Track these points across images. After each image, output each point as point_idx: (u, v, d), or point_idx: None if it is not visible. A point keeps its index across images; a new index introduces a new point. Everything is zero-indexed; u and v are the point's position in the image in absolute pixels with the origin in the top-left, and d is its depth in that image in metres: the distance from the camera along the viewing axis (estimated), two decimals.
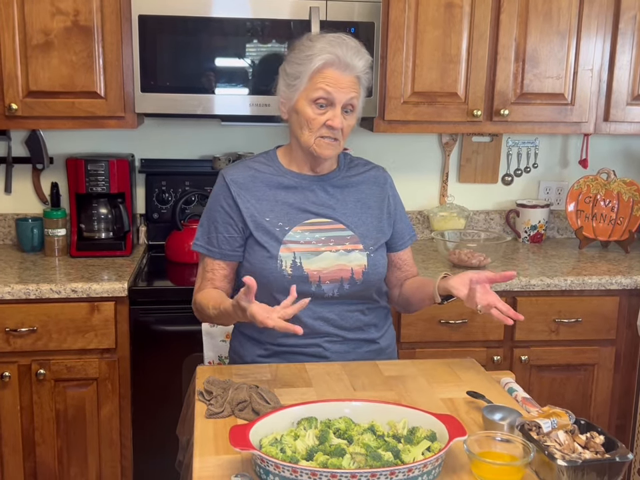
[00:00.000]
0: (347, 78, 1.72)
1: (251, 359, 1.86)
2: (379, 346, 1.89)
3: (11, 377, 2.36)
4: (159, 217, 2.92)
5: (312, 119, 1.73)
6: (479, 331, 2.56)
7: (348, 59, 1.71)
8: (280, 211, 1.81)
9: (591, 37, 2.71)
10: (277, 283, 1.76)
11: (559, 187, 3.22)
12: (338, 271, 1.79)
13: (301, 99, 1.74)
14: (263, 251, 1.79)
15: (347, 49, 1.72)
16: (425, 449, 1.27)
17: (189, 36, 2.49)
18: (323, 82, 1.71)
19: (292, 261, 1.77)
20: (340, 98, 1.72)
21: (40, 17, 2.44)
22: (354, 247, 1.82)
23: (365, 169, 1.93)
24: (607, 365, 2.65)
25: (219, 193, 1.85)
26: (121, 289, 2.37)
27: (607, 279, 2.57)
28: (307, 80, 1.72)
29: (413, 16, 2.61)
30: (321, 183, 1.85)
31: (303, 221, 1.81)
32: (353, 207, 1.86)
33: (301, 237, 1.79)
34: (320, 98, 1.72)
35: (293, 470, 1.16)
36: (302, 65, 1.73)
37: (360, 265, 1.81)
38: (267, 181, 1.84)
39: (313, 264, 1.78)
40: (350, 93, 1.73)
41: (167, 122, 2.93)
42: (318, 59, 1.70)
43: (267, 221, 1.80)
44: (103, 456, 2.47)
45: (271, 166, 1.87)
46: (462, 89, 2.69)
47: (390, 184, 1.95)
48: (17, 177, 2.91)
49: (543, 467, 1.26)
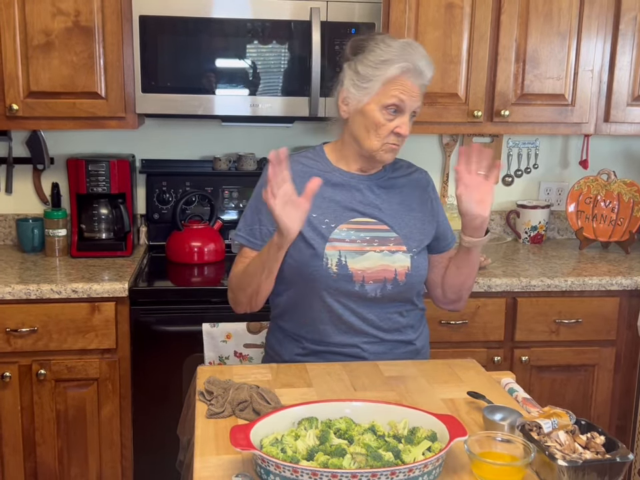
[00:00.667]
0: (417, 86, 1.73)
1: (289, 357, 1.86)
2: (415, 347, 1.89)
3: (11, 377, 2.36)
4: (159, 217, 2.92)
5: (381, 125, 1.73)
6: (479, 331, 2.56)
7: (421, 67, 1.72)
8: (327, 207, 1.80)
9: (592, 37, 2.71)
10: (322, 281, 1.75)
11: (559, 187, 3.22)
12: (382, 271, 1.78)
13: (371, 103, 1.73)
14: (308, 249, 1.77)
15: (420, 57, 1.72)
16: (426, 449, 1.26)
17: (190, 36, 2.50)
18: (398, 90, 1.71)
19: (337, 259, 1.76)
20: (410, 106, 1.73)
21: (41, 18, 2.44)
22: (397, 248, 1.81)
23: (408, 171, 1.92)
24: (607, 366, 2.65)
25: (265, 185, 1.82)
26: (121, 289, 2.37)
27: (607, 279, 2.58)
28: (380, 85, 1.72)
29: (413, 17, 2.61)
30: (368, 182, 1.85)
31: (349, 219, 1.80)
32: (397, 208, 1.85)
33: (346, 235, 1.79)
34: (392, 105, 1.71)
35: (293, 470, 1.16)
36: (377, 69, 1.71)
37: (403, 266, 1.80)
38: (314, 177, 1.82)
39: (358, 263, 1.77)
40: (418, 101, 1.74)
41: (167, 122, 2.93)
42: (396, 66, 1.70)
43: (314, 217, 1.78)
44: (103, 456, 2.47)
45: (319, 162, 1.86)
46: (462, 89, 2.69)
47: (432, 187, 1.94)
48: (18, 178, 2.91)
49: (544, 467, 1.26)
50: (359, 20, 2.53)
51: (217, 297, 2.46)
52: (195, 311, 2.41)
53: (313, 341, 1.83)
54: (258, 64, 2.56)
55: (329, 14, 2.51)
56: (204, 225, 2.79)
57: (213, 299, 2.45)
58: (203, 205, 2.91)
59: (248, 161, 2.92)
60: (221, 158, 2.92)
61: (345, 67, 1.79)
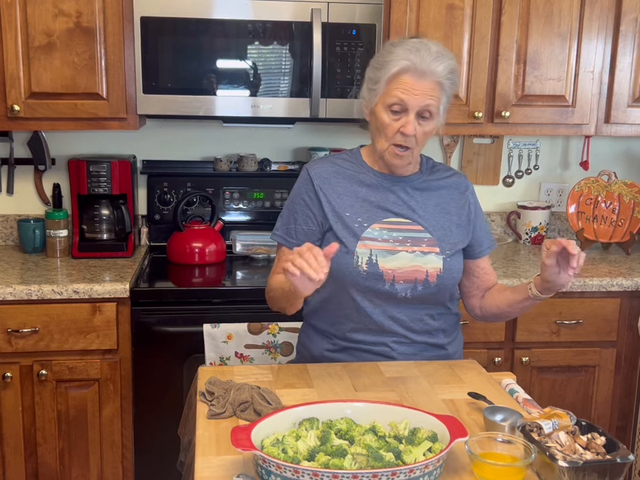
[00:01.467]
0: (424, 84, 1.71)
1: (319, 352, 1.87)
2: (446, 352, 1.88)
3: (12, 377, 2.36)
4: (160, 218, 2.92)
5: (387, 125, 1.74)
6: (479, 332, 2.56)
7: (425, 65, 1.70)
8: (360, 207, 1.82)
9: (592, 39, 2.72)
10: (352, 279, 1.77)
11: (559, 188, 3.22)
12: (413, 271, 1.78)
13: (378, 104, 1.76)
14: (340, 246, 1.77)
15: (426, 54, 1.71)
16: (427, 449, 1.27)
17: (191, 37, 2.50)
18: (398, 88, 1.71)
19: (368, 258, 1.77)
20: (413, 104, 1.71)
21: (42, 19, 2.45)
22: (430, 249, 1.81)
23: (446, 174, 1.92)
24: (607, 367, 2.65)
25: (301, 186, 1.86)
26: (122, 289, 2.37)
27: (608, 280, 2.58)
28: (384, 85, 1.74)
29: (414, 18, 2.62)
30: (402, 184, 1.85)
31: (382, 219, 1.81)
32: (432, 210, 1.85)
33: (379, 235, 1.80)
34: (394, 104, 1.72)
35: (294, 470, 1.17)
36: (380, 70, 1.74)
37: (435, 267, 1.80)
38: (349, 177, 1.85)
39: (389, 262, 1.78)
40: (425, 99, 1.71)
41: (168, 123, 2.93)
42: (394, 65, 1.72)
43: (347, 216, 1.80)
44: (104, 456, 2.47)
45: (354, 163, 1.88)
46: (463, 90, 2.69)
47: (471, 191, 1.93)
48: (19, 178, 2.92)
49: (544, 468, 1.26)
50: (359, 21, 2.54)
51: (218, 298, 2.46)
52: (196, 312, 2.42)
53: (343, 338, 1.84)
54: (259, 65, 2.57)
55: (329, 15, 2.52)
56: (205, 225, 2.79)
57: (214, 299, 2.45)
58: (204, 206, 2.91)
59: (249, 162, 2.93)
60: (222, 159, 2.92)
61: (365, 72, 1.84)
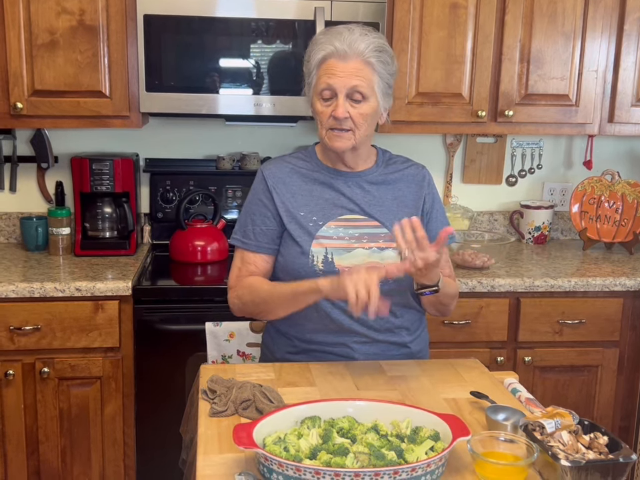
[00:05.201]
0: (351, 65, 1.69)
1: (280, 355, 1.86)
2: (409, 350, 1.86)
3: (14, 375, 2.36)
4: (163, 216, 2.92)
5: (320, 112, 1.74)
6: (482, 331, 2.56)
7: (346, 46, 1.69)
8: (315, 205, 1.81)
9: (596, 38, 2.71)
10: (308, 278, 1.74)
11: (563, 188, 3.22)
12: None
13: (313, 95, 1.76)
14: (295, 246, 1.78)
15: (348, 36, 1.70)
16: (429, 448, 1.26)
17: (194, 36, 2.50)
18: (325, 74, 1.71)
19: (324, 257, 1.76)
20: (340, 86, 1.70)
21: (45, 16, 2.45)
22: (388, 244, 1.80)
23: (403, 166, 1.90)
24: (610, 367, 2.64)
25: (256, 187, 1.86)
26: (125, 287, 2.37)
27: (611, 280, 2.57)
28: (315, 75, 1.75)
29: (417, 17, 2.61)
30: (357, 179, 1.84)
31: (337, 217, 1.80)
32: (390, 204, 1.83)
33: (334, 233, 1.79)
34: (323, 90, 1.72)
35: (296, 469, 1.16)
36: (309, 62, 1.76)
37: (393, 263, 1.76)
38: (303, 176, 1.85)
39: (345, 260, 1.76)
40: (352, 79, 1.69)
41: (171, 121, 2.93)
42: (318, 52, 1.72)
43: (301, 215, 1.79)
44: (106, 454, 2.48)
45: (308, 162, 1.87)
46: (466, 89, 2.69)
47: (428, 182, 1.90)
48: (22, 176, 2.92)
49: (547, 467, 1.25)
50: (363, 19, 2.53)
51: (220, 296, 2.45)
52: (198, 310, 2.42)
53: (303, 340, 1.82)
54: (262, 63, 2.56)
55: (333, 13, 2.51)
56: (207, 224, 2.79)
57: (216, 297, 2.45)
58: (207, 204, 2.91)
59: (252, 161, 2.93)
60: (225, 157, 2.92)
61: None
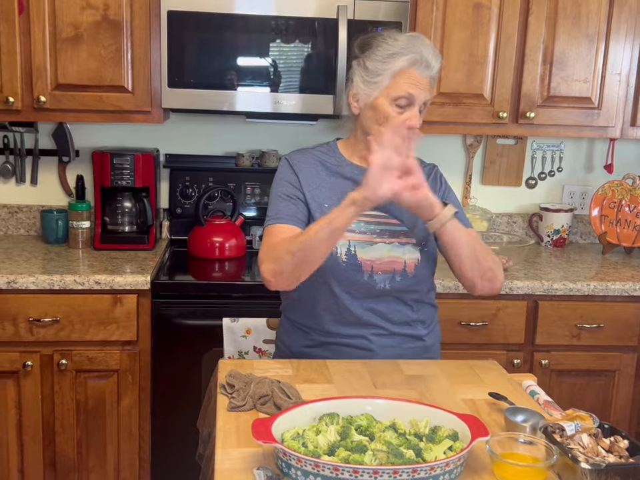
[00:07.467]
0: (425, 78, 1.74)
1: (297, 349, 1.87)
2: (424, 343, 1.89)
3: (33, 366, 2.38)
4: (182, 211, 2.93)
5: (391, 117, 1.74)
6: (499, 333, 2.55)
7: (429, 59, 1.73)
8: (338, 199, 1.78)
9: (620, 41, 2.69)
10: (331, 270, 1.77)
11: (583, 191, 3.20)
12: (391, 262, 1.79)
13: (381, 97, 1.75)
14: None
15: (427, 48, 1.73)
16: (447, 448, 1.26)
17: (216, 32, 2.50)
18: (406, 82, 1.72)
19: (347, 249, 1.78)
20: (420, 98, 1.74)
21: (70, 11, 2.46)
22: (408, 240, 1.83)
23: (421, 166, 1.90)
24: (628, 372, 2.62)
25: (283, 172, 1.86)
26: (143, 282, 2.39)
27: (631, 285, 2.55)
28: (389, 78, 1.73)
29: (440, 17, 2.61)
30: None
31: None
32: None
33: (356, 227, 1.80)
34: (402, 97, 1.73)
35: (315, 464, 1.16)
36: (385, 63, 1.73)
37: (413, 258, 1.81)
38: (327, 169, 1.86)
39: (367, 253, 1.79)
40: (426, 93, 1.75)
41: (192, 117, 2.94)
42: (404, 59, 1.72)
43: (326, 207, 1.80)
44: (121, 447, 2.49)
45: (332, 156, 1.89)
46: (488, 90, 2.68)
47: (440, 178, 1.94)
48: (43, 169, 2.94)
49: (566, 470, 1.25)
50: (385, 19, 2.53)
51: (237, 292, 2.47)
52: (216, 306, 2.42)
53: (320, 333, 1.84)
54: (282, 61, 2.57)
55: (356, 12, 2.51)
56: (226, 220, 2.80)
57: (233, 294, 2.46)
58: (226, 201, 2.92)
59: (271, 158, 2.93)
60: (244, 154, 2.93)
61: (353, 64, 1.82)
